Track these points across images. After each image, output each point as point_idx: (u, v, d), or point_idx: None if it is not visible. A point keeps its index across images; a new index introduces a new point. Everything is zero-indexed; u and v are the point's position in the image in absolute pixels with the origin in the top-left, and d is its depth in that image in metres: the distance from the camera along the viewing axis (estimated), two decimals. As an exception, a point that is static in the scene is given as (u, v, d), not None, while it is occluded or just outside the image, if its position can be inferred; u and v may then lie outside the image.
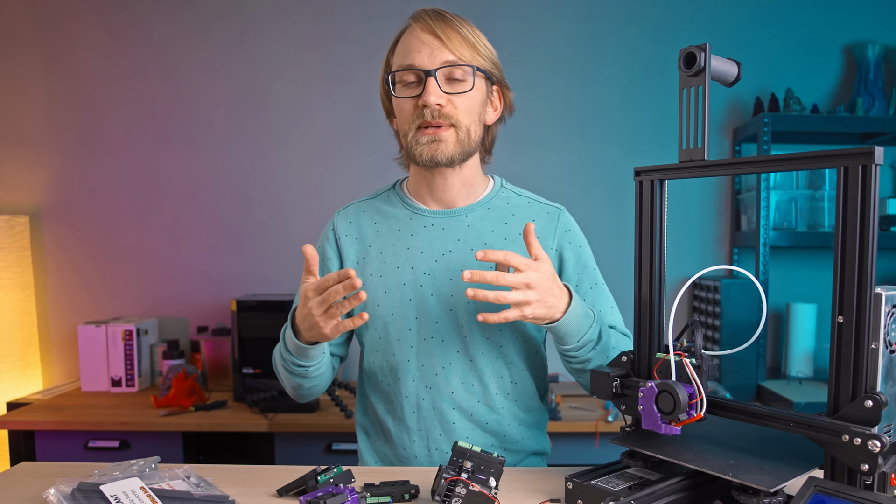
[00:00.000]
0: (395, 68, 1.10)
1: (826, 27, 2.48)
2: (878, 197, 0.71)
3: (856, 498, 0.67)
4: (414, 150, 1.10)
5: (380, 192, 1.26)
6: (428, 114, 1.07)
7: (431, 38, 1.06)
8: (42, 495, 0.89)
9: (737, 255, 2.55)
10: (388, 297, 1.14)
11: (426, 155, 1.09)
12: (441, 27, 1.07)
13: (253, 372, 2.13)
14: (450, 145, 1.09)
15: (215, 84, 2.49)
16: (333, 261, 1.21)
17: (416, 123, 1.08)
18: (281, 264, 2.51)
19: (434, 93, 1.06)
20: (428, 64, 1.06)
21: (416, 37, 1.08)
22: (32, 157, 2.50)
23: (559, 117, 2.50)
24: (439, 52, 1.06)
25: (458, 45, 1.07)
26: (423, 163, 1.10)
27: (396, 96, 1.10)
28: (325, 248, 1.23)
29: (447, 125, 1.08)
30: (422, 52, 1.06)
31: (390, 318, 1.14)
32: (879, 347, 0.71)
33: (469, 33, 1.09)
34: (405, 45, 1.09)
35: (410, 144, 1.10)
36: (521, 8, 2.47)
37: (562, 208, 1.20)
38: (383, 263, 1.16)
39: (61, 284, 2.53)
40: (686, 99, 0.83)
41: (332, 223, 1.23)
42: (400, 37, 1.12)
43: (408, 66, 1.07)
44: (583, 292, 1.17)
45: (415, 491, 0.93)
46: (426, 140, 1.08)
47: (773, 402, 2.14)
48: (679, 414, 0.80)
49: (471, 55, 1.08)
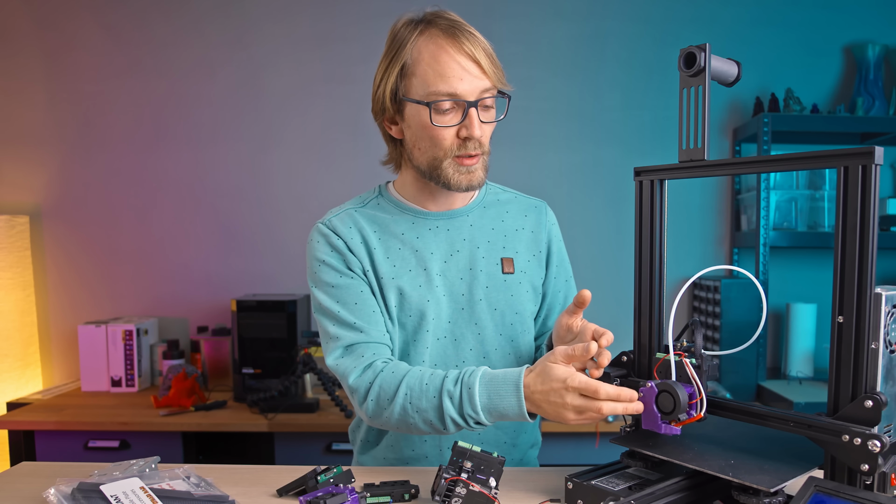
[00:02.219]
0: (429, 91, 1.03)
1: (826, 27, 2.48)
2: (878, 197, 0.71)
3: (856, 498, 0.67)
4: (448, 178, 1.08)
5: (366, 200, 1.19)
6: (471, 146, 1.06)
7: (469, 63, 1.03)
8: (42, 495, 0.89)
9: (737, 255, 2.55)
10: (404, 299, 1.12)
11: (463, 183, 1.08)
12: (475, 46, 1.03)
13: (253, 372, 2.13)
14: (481, 172, 1.10)
15: (215, 83, 2.49)
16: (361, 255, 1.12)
17: (455, 153, 1.07)
18: (281, 264, 2.51)
19: (478, 125, 1.04)
20: (470, 94, 1.03)
21: (452, 58, 1.02)
22: (32, 157, 2.50)
23: (559, 117, 2.50)
24: (479, 80, 1.04)
25: (490, 69, 1.05)
26: (457, 189, 1.09)
27: (435, 125, 1.05)
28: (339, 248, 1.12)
29: (480, 153, 1.08)
30: (463, 79, 1.02)
31: (408, 320, 1.13)
32: (879, 347, 0.71)
33: (490, 49, 1.07)
34: (439, 66, 1.03)
35: (445, 171, 1.07)
36: (521, 8, 2.47)
37: (545, 202, 1.25)
38: (393, 267, 1.13)
39: (61, 284, 2.53)
40: (686, 99, 0.83)
41: (330, 228, 1.13)
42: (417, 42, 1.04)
43: (449, 94, 1.02)
44: (559, 285, 1.23)
45: (415, 491, 0.93)
46: (464, 171, 1.08)
47: (773, 402, 2.14)
48: (679, 414, 0.80)
49: (499, 78, 1.07)
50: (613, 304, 2.33)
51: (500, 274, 1.15)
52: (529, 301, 1.17)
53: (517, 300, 1.15)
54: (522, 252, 1.18)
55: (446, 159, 1.07)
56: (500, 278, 1.15)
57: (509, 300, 1.15)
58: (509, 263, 1.15)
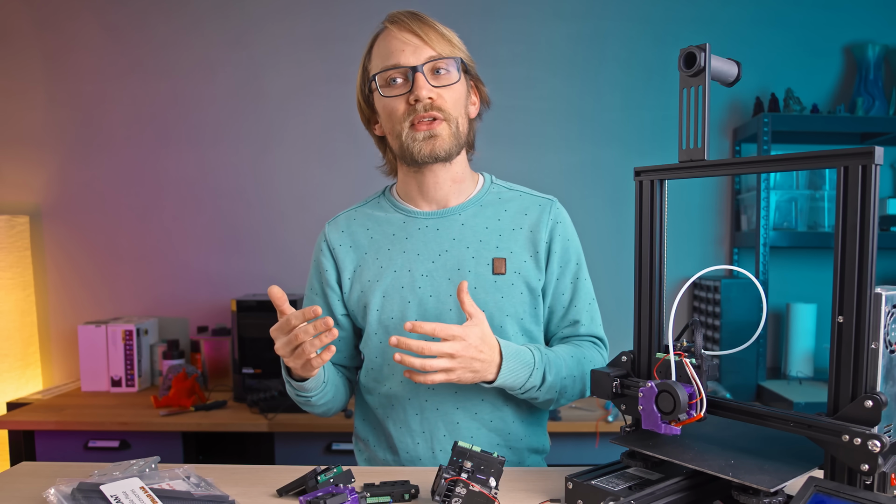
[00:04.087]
0: (377, 70, 1.11)
1: (826, 27, 2.48)
2: (878, 197, 0.71)
3: (856, 498, 0.67)
4: (411, 148, 1.10)
5: (369, 199, 1.26)
6: (421, 108, 1.08)
7: (411, 37, 1.08)
8: (42, 495, 0.89)
9: (737, 255, 2.55)
10: (386, 301, 1.14)
11: (425, 151, 1.09)
12: (419, 25, 1.09)
13: (253, 372, 2.13)
14: (446, 139, 1.10)
15: (215, 84, 2.49)
16: (331, 272, 1.21)
17: (409, 120, 1.09)
18: (281, 264, 2.51)
19: (424, 86, 1.07)
20: (413, 61, 1.08)
21: (395, 38, 1.09)
22: (32, 157, 2.50)
23: (559, 117, 2.50)
24: (422, 49, 1.08)
25: (437, 41, 1.09)
26: (422, 159, 1.10)
27: (384, 96, 1.10)
28: (320, 261, 1.22)
29: (440, 119, 1.09)
30: (405, 50, 1.08)
31: (390, 322, 1.14)
32: (879, 347, 0.71)
33: (444, 29, 1.11)
34: (385, 47, 1.10)
35: (406, 143, 1.10)
36: (521, 8, 2.47)
37: (554, 199, 1.20)
38: (380, 269, 1.16)
39: (61, 284, 2.53)
40: (686, 99, 0.83)
41: (324, 235, 1.23)
42: (375, 40, 1.14)
43: (392, 65, 1.08)
44: (562, 287, 1.17)
45: (415, 491, 0.93)
46: (423, 136, 1.09)
47: (773, 402, 2.14)
48: (679, 414, 0.80)
49: (450, 49, 1.10)
50: (613, 304, 2.33)
51: (489, 275, 1.12)
52: (524, 303, 1.14)
53: (508, 302, 1.13)
54: (518, 252, 1.14)
55: (404, 130, 1.10)
56: (490, 279, 1.12)
57: (499, 302, 1.12)
58: (501, 264, 1.13)
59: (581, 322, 1.18)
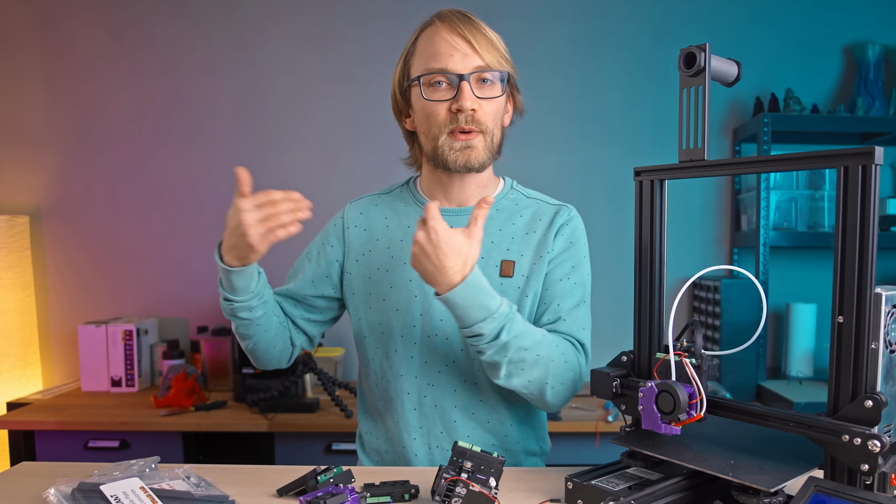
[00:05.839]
0: (423, 70, 1.08)
1: (826, 27, 2.48)
2: (878, 197, 0.71)
3: (856, 498, 0.67)
4: (446, 156, 1.09)
5: (393, 187, 1.26)
6: (462, 119, 1.07)
7: (461, 42, 1.06)
8: (42, 495, 0.89)
9: (737, 255, 2.55)
10: (393, 292, 1.15)
11: (460, 161, 1.09)
12: (470, 30, 1.07)
13: (253, 372, 2.13)
14: (480, 151, 1.09)
15: (215, 84, 2.49)
16: (336, 248, 1.22)
17: (448, 128, 1.08)
18: (281, 264, 2.50)
19: (469, 97, 1.06)
20: (461, 68, 1.06)
21: (444, 38, 1.07)
22: (32, 157, 2.50)
23: (559, 117, 2.50)
24: (471, 56, 1.06)
25: (486, 50, 1.07)
26: (455, 169, 1.10)
27: (428, 99, 1.08)
28: (329, 233, 1.24)
29: (477, 131, 1.08)
30: (453, 56, 1.06)
31: (395, 314, 1.14)
32: (879, 347, 0.71)
33: (493, 35, 1.10)
34: (432, 46, 1.07)
35: (442, 150, 1.09)
36: (521, 8, 2.47)
37: (570, 207, 1.18)
38: (390, 258, 1.16)
39: (61, 284, 2.53)
40: (686, 99, 0.83)
41: (343, 212, 1.24)
42: (420, 35, 1.11)
43: (439, 69, 1.06)
44: (548, 283, 1.12)
45: (415, 491, 0.93)
46: (459, 146, 1.08)
47: (773, 402, 2.14)
48: (679, 414, 0.80)
49: (498, 61, 1.09)
50: (613, 304, 2.33)
51: (496, 276, 1.12)
52: (529, 307, 1.12)
53: None
54: (528, 256, 1.13)
55: (442, 136, 1.09)
56: (496, 281, 1.12)
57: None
58: (510, 267, 1.13)
59: (563, 319, 1.12)
